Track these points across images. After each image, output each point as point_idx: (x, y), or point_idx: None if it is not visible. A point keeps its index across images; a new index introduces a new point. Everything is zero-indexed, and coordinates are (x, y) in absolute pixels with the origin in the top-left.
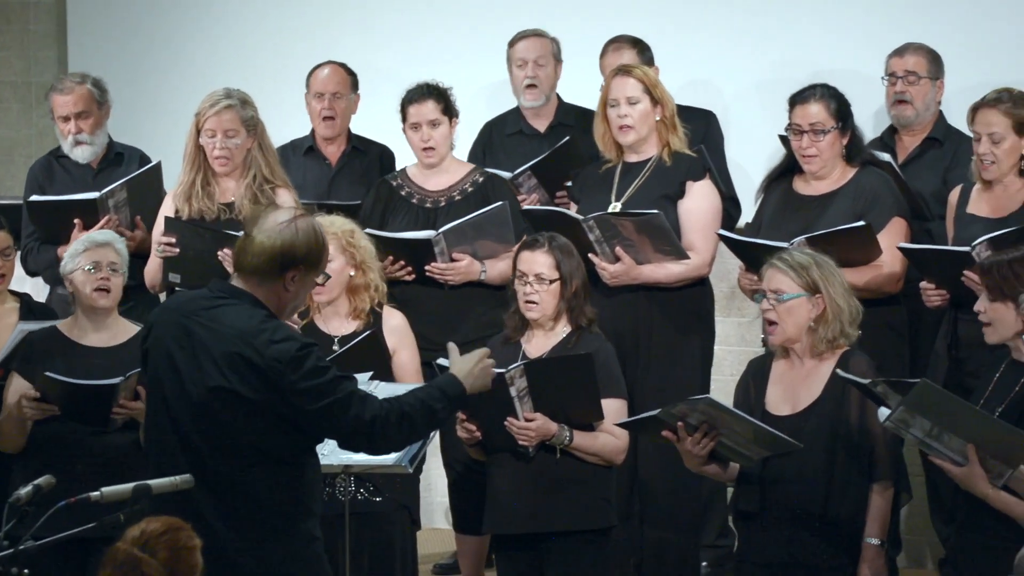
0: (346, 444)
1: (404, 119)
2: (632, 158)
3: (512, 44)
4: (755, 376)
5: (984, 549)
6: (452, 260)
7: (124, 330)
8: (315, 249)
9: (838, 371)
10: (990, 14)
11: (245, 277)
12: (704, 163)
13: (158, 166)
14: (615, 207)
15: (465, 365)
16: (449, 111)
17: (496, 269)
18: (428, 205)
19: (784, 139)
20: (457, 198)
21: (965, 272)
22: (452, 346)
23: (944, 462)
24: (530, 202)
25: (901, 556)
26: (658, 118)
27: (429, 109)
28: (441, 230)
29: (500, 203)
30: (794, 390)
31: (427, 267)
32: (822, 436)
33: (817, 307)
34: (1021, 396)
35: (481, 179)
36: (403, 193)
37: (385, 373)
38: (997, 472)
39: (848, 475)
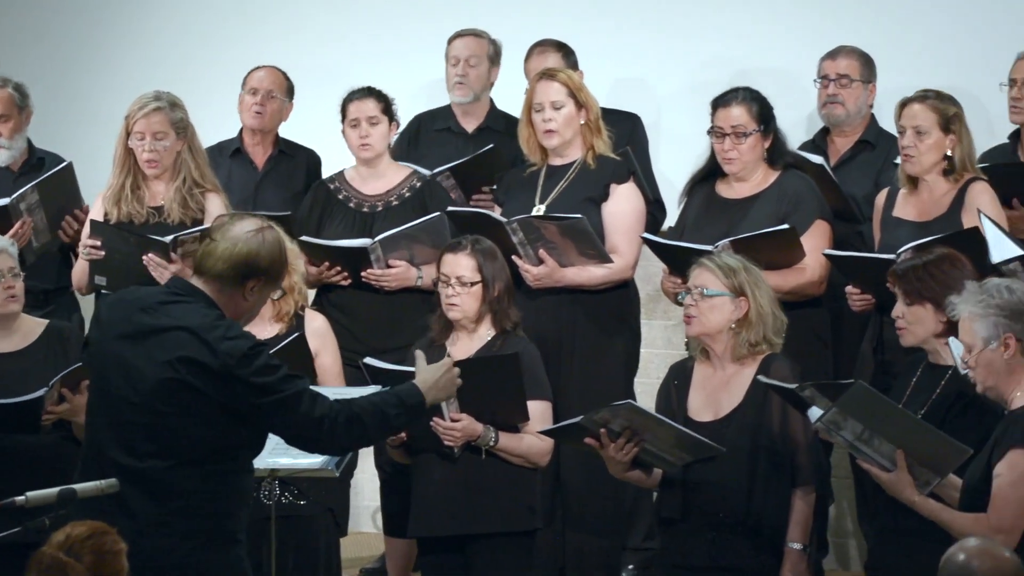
0: (294, 442)
1: (344, 118)
2: (556, 161)
3: (450, 41)
4: (677, 381)
5: (906, 550)
6: (388, 266)
7: (31, 330)
8: (278, 262)
9: (759, 377)
10: (921, 17)
11: (206, 280)
12: (629, 166)
13: (70, 166)
14: (539, 210)
15: (429, 375)
16: (388, 112)
17: (431, 275)
18: (365, 209)
19: None
20: (394, 203)
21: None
22: (419, 354)
23: (872, 467)
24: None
25: (829, 558)
26: (582, 122)
27: (369, 107)
28: (377, 239)
29: (438, 213)
30: (716, 396)
31: (363, 273)
32: (744, 442)
33: (740, 309)
34: (941, 399)
35: (419, 184)
36: (340, 197)
37: (310, 376)
38: (924, 480)
39: (770, 480)
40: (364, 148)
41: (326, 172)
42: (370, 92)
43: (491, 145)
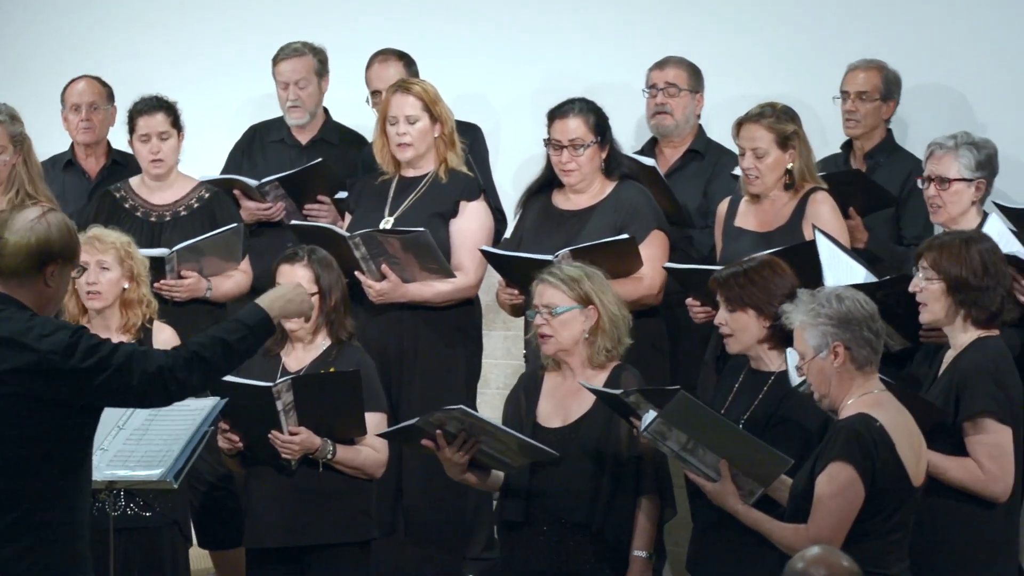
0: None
1: (132, 131)
2: (409, 173)
3: (276, 62)
4: (526, 389)
5: (722, 554)
6: (180, 277)
7: None
8: (70, 241)
9: (580, 382)
10: (747, 29)
11: (4, 281)
12: (479, 183)
13: None
14: (387, 222)
15: (273, 292)
16: (177, 125)
17: (222, 287)
18: (153, 219)
19: None
20: (183, 213)
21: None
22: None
23: (698, 477)
24: (276, 210)
25: (666, 567)
26: (437, 135)
27: (159, 121)
28: (175, 248)
29: (235, 225)
30: (565, 403)
31: (156, 283)
32: (590, 449)
33: (591, 318)
34: (763, 405)
35: (207, 195)
36: (127, 206)
37: None
38: (749, 489)
39: (615, 488)
40: (156, 164)
41: None
42: (159, 105)
43: (319, 160)
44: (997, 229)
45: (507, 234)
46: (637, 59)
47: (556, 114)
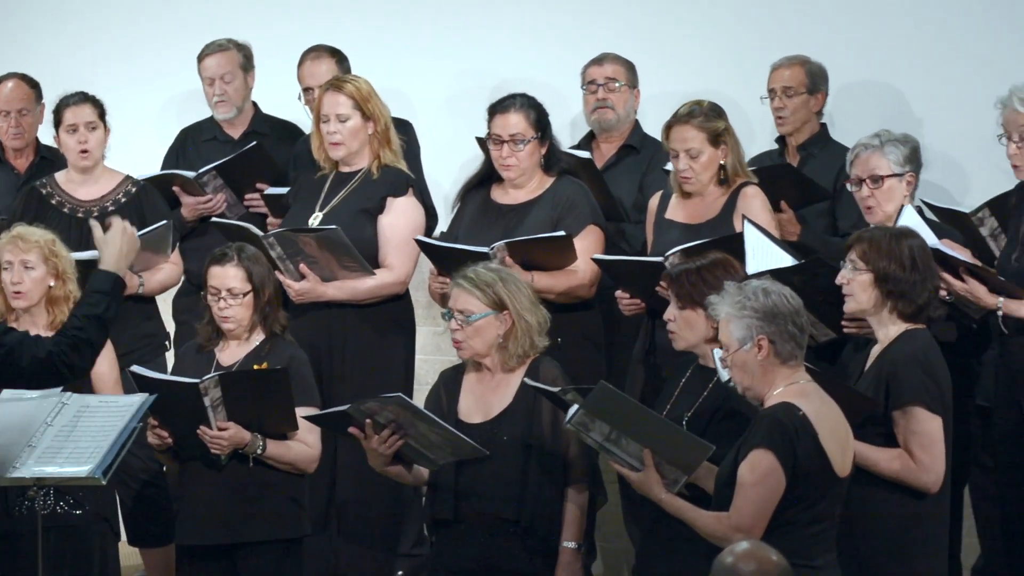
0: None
1: (59, 123)
2: (345, 169)
3: (200, 59)
4: (447, 385)
5: (670, 553)
6: None
7: None
8: None
9: (526, 380)
10: (677, 25)
11: None
12: (408, 179)
13: None
14: (317, 217)
15: (109, 251)
16: (103, 119)
17: (153, 281)
18: (80, 214)
19: (483, 142)
20: (110, 208)
21: (662, 283)
22: (95, 224)
23: (622, 467)
24: (216, 201)
25: (597, 563)
26: (370, 132)
27: (87, 112)
28: None
29: (165, 222)
30: (486, 398)
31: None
32: (515, 443)
33: (505, 323)
34: (710, 401)
35: (134, 189)
36: (53, 202)
37: (85, 384)
38: (673, 478)
39: (542, 480)
40: (84, 155)
41: None
42: (86, 98)
43: (255, 143)
44: (913, 222)
45: (444, 227)
46: (563, 57)
47: (497, 109)
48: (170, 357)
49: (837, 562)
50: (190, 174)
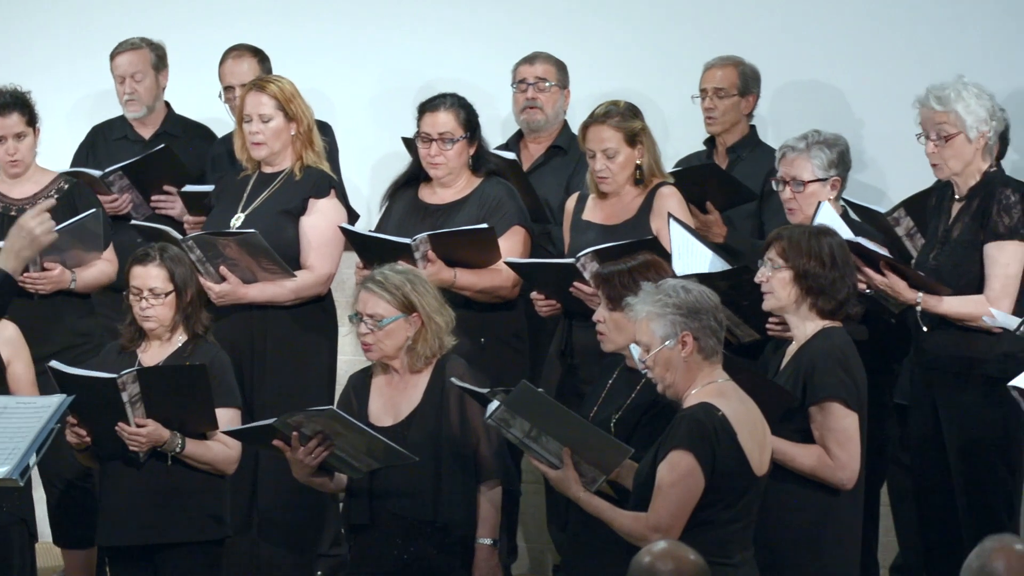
0: None
1: None
2: (267, 169)
3: (112, 57)
4: (356, 389)
5: (593, 554)
6: (44, 269)
7: None
8: None
9: (452, 379)
10: (608, 25)
11: None
12: (330, 180)
13: None
14: (239, 218)
15: (5, 248)
16: (33, 121)
17: (86, 277)
18: (13, 213)
19: (409, 142)
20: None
21: (574, 284)
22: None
23: (541, 464)
24: (122, 202)
25: (518, 563)
26: (293, 132)
27: (14, 122)
28: None
29: (93, 211)
30: (395, 400)
31: (19, 277)
32: (426, 443)
33: (414, 325)
34: (636, 404)
35: (67, 186)
36: None
37: (0, 385)
38: (591, 477)
39: (455, 478)
40: (14, 164)
41: None
42: (14, 104)
43: (163, 145)
44: (830, 219)
45: (368, 228)
46: (488, 57)
47: (427, 108)
48: None
49: (754, 559)
50: (96, 172)
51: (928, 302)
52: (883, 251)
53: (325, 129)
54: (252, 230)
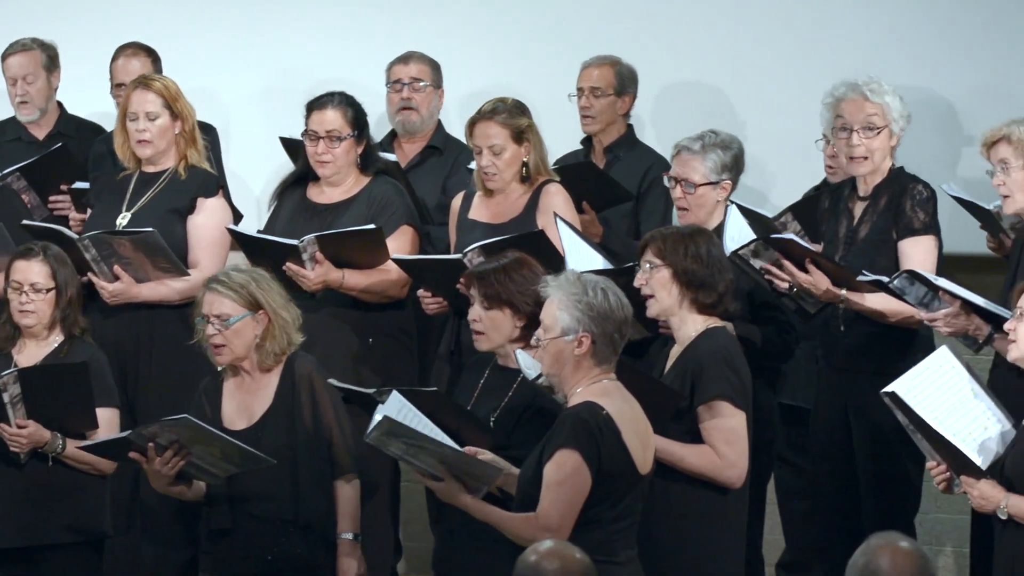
0: None
1: None
2: (149, 169)
3: (3, 59)
4: (208, 394)
5: (468, 549)
6: None
7: None
8: None
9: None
10: (485, 25)
11: None
12: (217, 180)
13: None
14: (125, 217)
15: None
16: None
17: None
18: None
19: (286, 142)
20: None
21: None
22: None
23: (425, 477)
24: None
25: (402, 563)
26: (177, 131)
27: None
28: None
29: None
30: (247, 402)
31: None
32: (281, 443)
33: (261, 323)
34: (516, 400)
35: None
36: None
37: None
38: (476, 484)
39: (312, 475)
40: None
41: None
42: None
43: (60, 144)
44: (737, 223)
45: (257, 228)
46: (369, 56)
47: (314, 106)
48: None
49: (637, 558)
50: None
51: (852, 299)
52: (812, 247)
53: (209, 130)
54: (151, 229)
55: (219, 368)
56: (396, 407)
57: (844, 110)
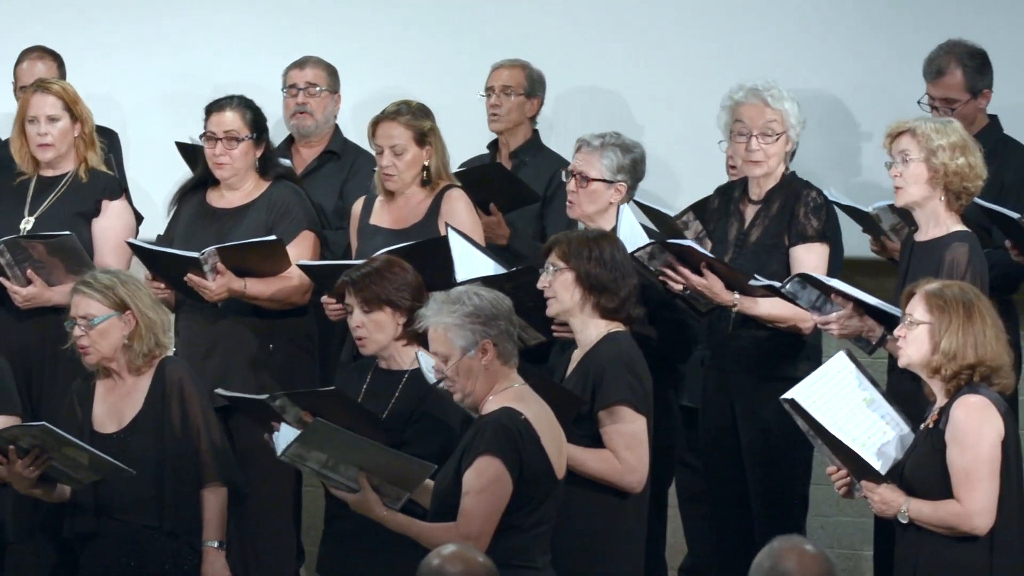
0: None
1: None
2: (48, 173)
3: None
4: (80, 396)
5: (358, 554)
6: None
7: None
8: None
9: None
10: (385, 29)
11: None
12: (120, 183)
13: None
14: (28, 222)
15: None
16: None
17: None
18: None
19: (182, 146)
20: None
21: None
22: None
23: (340, 492)
24: None
25: (306, 565)
26: (77, 134)
27: None
28: None
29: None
30: (118, 406)
31: None
32: (149, 448)
33: (129, 324)
34: (403, 404)
35: None
36: None
37: None
38: (395, 495)
39: (179, 482)
40: None
41: None
42: None
43: None
44: (628, 224)
45: (159, 232)
46: (270, 59)
47: (214, 107)
48: None
49: (551, 564)
50: None
51: (744, 303)
52: (706, 251)
53: (110, 135)
54: (68, 232)
55: (91, 370)
56: (318, 426)
57: (743, 114)
